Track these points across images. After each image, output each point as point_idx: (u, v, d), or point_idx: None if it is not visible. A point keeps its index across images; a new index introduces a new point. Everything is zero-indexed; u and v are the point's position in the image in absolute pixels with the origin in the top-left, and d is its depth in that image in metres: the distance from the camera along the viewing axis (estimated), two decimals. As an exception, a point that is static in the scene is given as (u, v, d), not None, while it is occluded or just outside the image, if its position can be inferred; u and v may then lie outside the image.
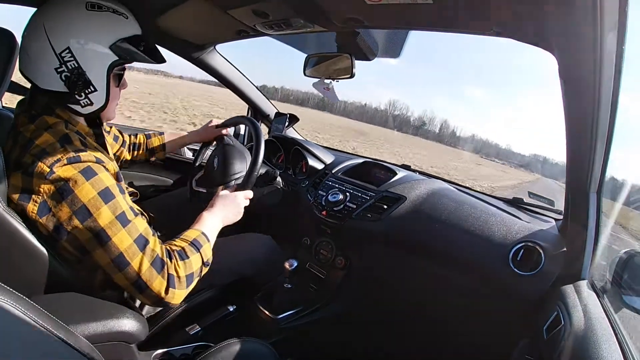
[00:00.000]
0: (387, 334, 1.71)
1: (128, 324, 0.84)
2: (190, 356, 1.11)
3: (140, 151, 1.53)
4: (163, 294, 0.89)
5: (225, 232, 1.14)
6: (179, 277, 0.91)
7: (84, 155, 0.86)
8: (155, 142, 1.50)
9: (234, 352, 1.02)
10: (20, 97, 1.00)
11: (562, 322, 0.87)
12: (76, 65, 0.90)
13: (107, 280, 1.02)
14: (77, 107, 0.95)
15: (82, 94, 0.94)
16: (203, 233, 1.04)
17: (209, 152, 1.63)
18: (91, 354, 0.64)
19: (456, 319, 1.47)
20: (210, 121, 1.61)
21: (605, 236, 1.05)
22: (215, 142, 1.60)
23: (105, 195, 0.86)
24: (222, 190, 1.23)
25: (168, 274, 0.89)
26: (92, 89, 0.94)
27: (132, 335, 0.85)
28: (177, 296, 0.92)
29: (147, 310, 1.22)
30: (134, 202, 1.00)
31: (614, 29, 0.69)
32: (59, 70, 0.89)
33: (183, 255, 0.94)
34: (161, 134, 1.62)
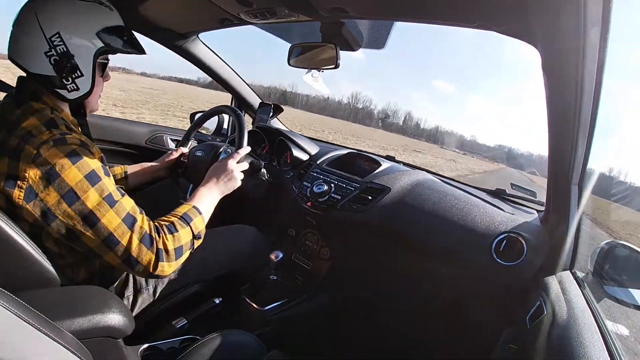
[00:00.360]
0: (373, 324, 1.73)
1: (114, 318, 0.83)
2: (178, 349, 1.10)
3: None
4: (152, 269, 0.93)
5: (211, 224, 1.13)
6: (167, 250, 0.94)
7: (69, 137, 0.88)
8: (117, 171, 1.46)
9: (221, 344, 1.02)
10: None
11: (545, 312, 0.89)
12: (65, 49, 0.94)
13: (91, 274, 1.02)
14: (64, 92, 0.98)
15: (70, 78, 0.97)
16: (194, 207, 1.07)
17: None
18: (78, 349, 0.62)
19: (441, 308, 1.50)
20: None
21: (586, 227, 1.07)
22: (182, 158, 1.58)
23: (92, 178, 0.88)
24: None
25: (157, 248, 0.92)
26: (79, 74, 0.98)
27: (119, 330, 0.84)
28: (167, 269, 0.95)
29: (131, 304, 1.21)
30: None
31: (597, 23, 0.70)
32: (48, 54, 0.93)
33: (172, 229, 0.97)
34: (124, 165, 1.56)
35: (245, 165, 1.27)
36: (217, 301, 1.40)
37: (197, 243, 1.05)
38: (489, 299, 1.32)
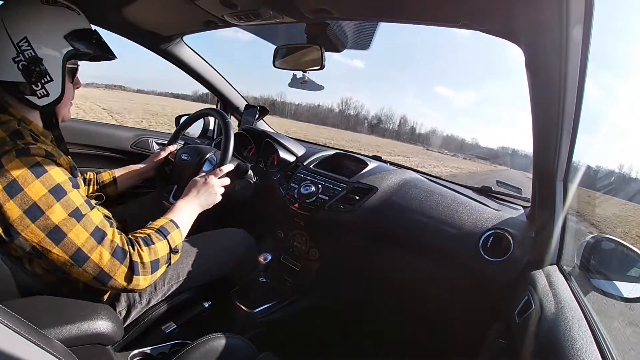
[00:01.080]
0: (362, 323, 1.74)
1: (102, 325, 0.82)
2: (168, 354, 1.09)
3: (91, 188, 1.45)
4: (126, 283, 0.90)
5: (199, 227, 1.12)
6: (143, 263, 0.91)
7: (33, 148, 0.85)
8: (105, 177, 1.45)
9: (211, 348, 1.01)
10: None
11: (533, 306, 0.90)
12: (33, 54, 0.91)
13: (70, 281, 0.99)
14: (34, 99, 0.95)
15: (39, 83, 0.94)
16: (172, 220, 1.04)
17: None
18: (66, 357, 0.62)
19: (431, 305, 1.51)
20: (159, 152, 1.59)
21: (572, 222, 1.08)
22: (169, 157, 1.58)
23: (57, 192, 0.84)
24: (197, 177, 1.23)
25: (131, 261, 0.90)
26: (49, 79, 0.95)
27: (107, 337, 0.83)
28: (142, 283, 0.92)
29: (124, 318, 1.19)
30: (99, 204, 0.97)
31: (580, 20, 0.71)
32: (16, 59, 0.90)
33: (148, 241, 0.95)
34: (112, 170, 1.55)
35: (226, 181, 1.27)
36: (207, 305, 1.39)
37: (175, 258, 1.02)
38: (477, 295, 1.33)
